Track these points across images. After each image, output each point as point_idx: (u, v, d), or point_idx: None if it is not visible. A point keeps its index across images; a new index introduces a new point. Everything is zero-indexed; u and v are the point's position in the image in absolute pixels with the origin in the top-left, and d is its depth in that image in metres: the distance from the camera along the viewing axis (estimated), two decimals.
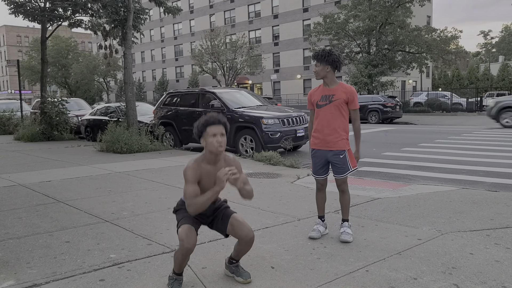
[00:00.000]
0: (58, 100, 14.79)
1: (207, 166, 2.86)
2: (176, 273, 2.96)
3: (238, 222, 2.93)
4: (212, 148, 2.79)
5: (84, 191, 6.14)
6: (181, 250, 2.78)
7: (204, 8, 57.25)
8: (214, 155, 2.85)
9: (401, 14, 30.20)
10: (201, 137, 2.85)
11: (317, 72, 3.81)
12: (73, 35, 59.29)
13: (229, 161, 2.95)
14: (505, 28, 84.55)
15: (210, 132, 2.79)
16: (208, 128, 2.80)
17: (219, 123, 2.82)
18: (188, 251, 2.77)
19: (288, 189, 6.12)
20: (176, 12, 14.22)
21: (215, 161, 2.88)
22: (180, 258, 2.84)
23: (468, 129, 16.75)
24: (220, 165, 2.90)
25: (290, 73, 48.90)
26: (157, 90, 59.07)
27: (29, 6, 14.59)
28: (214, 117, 2.83)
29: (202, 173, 2.84)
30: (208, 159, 2.87)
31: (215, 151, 2.80)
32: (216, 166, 2.87)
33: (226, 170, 2.72)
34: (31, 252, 3.65)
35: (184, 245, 2.75)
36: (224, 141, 2.81)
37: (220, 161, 2.91)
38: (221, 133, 2.81)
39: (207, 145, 2.81)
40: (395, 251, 3.55)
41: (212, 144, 2.78)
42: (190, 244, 2.75)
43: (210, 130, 2.79)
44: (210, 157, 2.86)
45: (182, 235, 2.77)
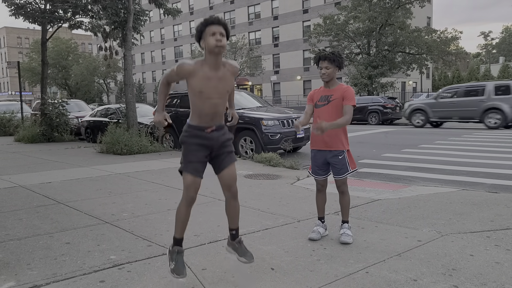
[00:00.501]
0: (59, 102, 14.82)
1: (206, 69, 2.78)
2: (177, 239, 2.94)
3: (231, 173, 3.00)
4: (211, 47, 2.71)
5: (84, 193, 6.15)
6: (185, 199, 2.82)
7: (204, 10, 57.33)
8: (214, 56, 2.76)
9: (401, 15, 30.24)
10: (200, 39, 2.78)
11: (328, 73, 3.78)
12: (73, 37, 59.39)
13: (230, 66, 2.91)
14: (505, 29, 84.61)
15: (209, 31, 2.72)
16: (208, 27, 2.73)
17: (218, 22, 2.76)
18: (192, 200, 2.82)
19: (288, 191, 6.12)
20: (176, 13, 14.25)
21: (216, 64, 2.79)
22: (183, 212, 2.86)
23: (468, 130, 16.75)
24: (222, 71, 2.84)
25: (290, 74, 48.93)
26: (157, 91, 59.05)
27: (30, 8, 14.62)
28: (214, 17, 2.78)
29: (200, 76, 2.78)
30: (208, 62, 2.78)
31: (214, 49, 2.71)
32: (217, 72, 2.81)
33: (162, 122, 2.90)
34: (31, 254, 3.66)
35: (188, 193, 2.80)
36: (224, 41, 2.73)
37: (221, 67, 2.84)
38: (220, 32, 2.73)
39: (207, 46, 2.74)
40: (395, 252, 3.55)
41: (211, 43, 2.70)
42: (194, 192, 2.82)
43: (209, 29, 2.72)
44: (210, 59, 2.77)
45: (187, 181, 2.82)
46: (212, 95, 2.83)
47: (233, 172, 3.03)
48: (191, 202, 2.88)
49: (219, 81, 2.84)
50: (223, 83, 2.87)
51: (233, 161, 3.05)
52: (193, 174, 2.87)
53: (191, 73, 2.79)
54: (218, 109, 2.93)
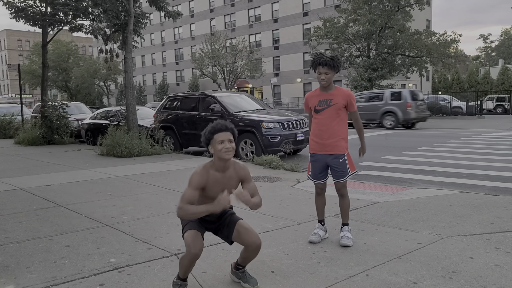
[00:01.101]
0: (59, 104, 14.82)
1: (215, 173, 2.82)
2: (181, 278, 2.93)
3: (245, 229, 2.90)
4: (220, 155, 2.75)
5: (84, 195, 6.15)
6: (188, 255, 2.75)
7: (205, 12, 57.41)
8: (223, 162, 2.81)
9: (401, 18, 30.28)
10: (209, 145, 2.81)
11: (327, 79, 3.80)
12: (73, 39, 59.38)
13: (238, 169, 2.91)
14: (504, 32, 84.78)
15: (218, 139, 2.75)
16: (216, 135, 2.76)
17: (226, 129, 2.78)
18: (195, 257, 2.75)
19: (288, 193, 6.12)
20: (177, 16, 14.27)
21: (224, 168, 2.84)
22: (186, 264, 2.81)
23: (468, 133, 16.75)
24: (229, 172, 2.86)
25: (290, 77, 48.97)
26: (158, 94, 59.17)
27: (30, 10, 14.64)
28: (221, 124, 2.79)
29: (210, 180, 2.81)
30: (216, 166, 2.83)
31: (223, 158, 2.76)
32: (225, 173, 2.84)
33: (228, 198, 2.69)
34: (31, 257, 3.66)
35: (191, 250, 2.72)
36: (233, 147, 2.77)
37: (230, 168, 2.87)
38: (228, 139, 2.77)
39: (215, 152, 2.78)
40: (395, 255, 3.55)
41: (220, 151, 2.75)
42: (196, 249, 2.72)
43: (217, 137, 2.75)
44: (219, 164, 2.82)
45: (188, 240, 2.74)
46: (218, 194, 2.80)
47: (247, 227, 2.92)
48: (194, 259, 2.79)
49: (226, 182, 2.86)
50: (229, 184, 2.87)
51: (239, 219, 2.96)
52: (196, 229, 2.82)
53: (207, 180, 2.81)
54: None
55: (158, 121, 12.08)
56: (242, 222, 2.94)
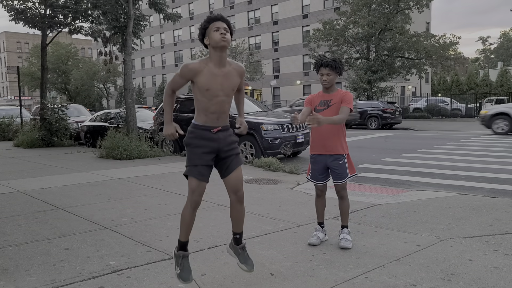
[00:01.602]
0: (58, 106, 14.82)
1: (211, 66, 2.77)
2: (182, 242, 2.92)
3: (238, 177, 2.94)
4: (216, 42, 2.71)
5: (83, 198, 6.14)
6: (190, 202, 2.80)
7: (204, 15, 57.38)
8: (219, 52, 2.76)
9: (400, 20, 30.34)
10: (204, 36, 2.78)
11: (329, 80, 3.81)
12: (73, 41, 59.47)
13: (236, 65, 2.90)
14: (503, 34, 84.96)
15: (213, 27, 2.72)
16: (211, 23, 2.74)
17: (222, 19, 2.77)
18: (197, 204, 2.81)
19: (287, 195, 6.12)
20: (176, 18, 14.29)
21: (221, 61, 2.78)
22: (187, 215, 2.84)
23: (467, 135, 16.77)
24: (228, 69, 2.82)
25: (289, 79, 49.01)
26: (157, 96, 59.18)
27: (30, 13, 14.67)
28: (217, 14, 2.81)
29: (206, 73, 2.76)
30: (213, 59, 2.77)
31: (219, 44, 2.72)
32: (222, 68, 2.79)
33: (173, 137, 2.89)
34: (30, 260, 3.65)
35: (193, 197, 2.79)
36: (229, 36, 2.74)
37: (226, 65, 2.83)
38: (224, 27, 2.74)
39: (211, 42, 2.74)
40: (395, 257, 3.55)
41: (215, 38, 2.71)
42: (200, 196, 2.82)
43: (213, 25, 2.73)
44: (215, 56, 2.76)
45: (192, 186, 2.81)
46: (218, 92, 2.80)
47: (239, 176, 2.98)
48: (196, 206, 2.87)
49: (224, 78, 2.82)
50: (229, 80, 2.85)
51: (240, 164, 3.00)
52: (198, 178, 2.85)
53: (197, 72, 2.77)
54: (224, 107, 2.90)
55: (157, 123, 12.08)
56: (239, 171, 2.96)
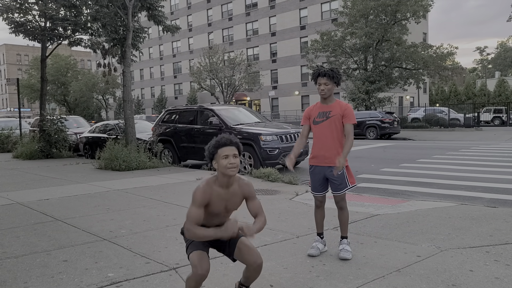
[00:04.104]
0: (57, 118, 14.84)
1: (219, 189, 2.72)
2: None
3: (246, 247, 2.80)
4: (224, 170, 2.65)
5: (82, 209, 6.12)
6: (195, 277, 2.63)
7: (203, 26, 57.87)
8: (227, 178, 2.71)
9: (397, 31, 30.57)
10: (212, 159, 2.71)
11: (327, 90, 3.83)
12: (72, 53, 59.70)
13: (242, 185, 2.81)
14: (500, 44, 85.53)
15: (222, 154, 2.65)
16: (220, 149, 2.67)
17: (231, 143, 2.69)
18: (202, 278, 2.64)
19: (286, 206, 6.10)
20: (175, 30, 14.39)
21: (228, 184, 2.73)
22: (193, 286, 2.69)
23: (466, 145, 16.79)
24: (233, 188, 2.76)
25: (288, 90, 49.19)
26: (156, 107, 59.30)
27: (30, 25, 14.75)
28: (226, 138, 2.69)
29: (213, 196, 2.71)
30: (220, 182, 2.72)
31: (227, 173, 2.66)
32: (228, 189, 2.75)
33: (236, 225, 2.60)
34: (28, 272, 3.63)
35: (197, 271, 2.60)
36: (237, 162, 2.67)
37: (234, 184, 2.77)
38: (233, 154, 2.67)
39: (219, 168, 2.68)
40: (395, 268, 3.53)
41: (224, 166, 2.65)
42: (203, 270, 2.62)
43: (221, 151, 2.66)
44: (223, 180, 2.71)
45: (195, 261, 2.63)
46: (221, 212, 2.77)
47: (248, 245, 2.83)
48: (201, 280, 2.69)
49: (228, 200, 2.78)
50: (232, 201, 2.80)
51: (241, 236, 2.81)
52: (201, 249, 2.72)
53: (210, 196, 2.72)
54: (222, 223, 2.82)
55: (156, 134, 12.09)
56: (244, 240, 2.82)
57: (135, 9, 12.53)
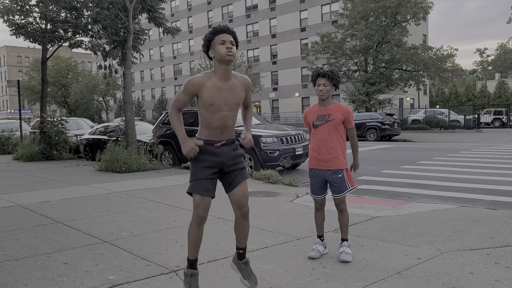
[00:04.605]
0: (58, 120, 14.84)
1: (216, 81, 2.68)
2: (190, 261, 2.87)
3: (243, 192, 2.87)
4: (221, 56, 2.63)
5: (82, 211, 6.13)
6: (195, 218, 2.72)
7: (203, 28, 57.93)
8: (224, 65, 2.67)
9: (398, 33, 30.60)
10: (209, 48, 2.69)
11: (326, 91, 3.84)
12: (73, 55, 59.74)
13: (241, 78, 2.82)
14: (500, 46, 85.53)
15: (219, 40, 2.64)
16: (217, 36, 2.66)
17: (228, 31, 2.69)
18: (202, 219, 2.73)
19: (287, 208, 6.11)
20: (175, 32, 14.40)
21: (226, 74, 2.69)
22: (194, 231, 2.76)
23: (466, 146, 16.79)
24: (233, 82, 2.73)
25: (288, 91, 49.22)
26: (156, 109, 59.32)
27: (30, 27, 14.78)
28: (223, 25, 2.72)
29: (209, 87, 2.67)
30: (218, 73, 2.69)
31: (224, 59, 2.63)
32: (227, 82, 2.71)
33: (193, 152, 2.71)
34: (29, 274, 3.63)
35: (198, 213, 2.71)
36: (235, 50, 2.66)
37: (232, 78, 2.74)
38: (230, 40, 2.66)
39: (216, 55, 2.65)
40: (395, 270, 3.53)
41: (221, 52, 2.62)
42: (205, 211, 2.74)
43: (218, 38, 2.65)
44: (220, 69, 2.68)
45: (196, 201, 2.72)
46: (222, 106, 2.73)
47: (245, 191, 2.90)
48: (202, 221, 2.80)
49: (229, 92, 2.75)
50: (233, 94, 2.78)
51: (245, 179, 2.92)
52: (202, 194, 2.78)
53: (201, 86, 2.70)
54: (228, 122, 2.83)
55: (157, 136, 12.10)
56: (245, 186, 2.88)
57: (135, 11, 12.55)
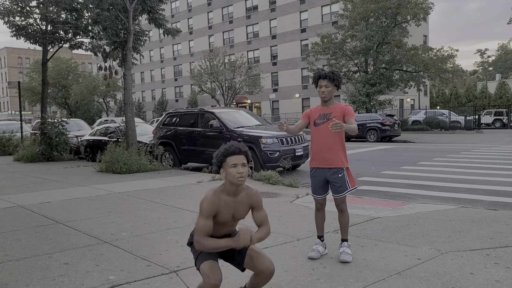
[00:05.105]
0: (58, 121, 14.86)
1: (226, 198, 2.68)
2: None
3: (257, 254, 2.74)
4: (233, 179, 2.61)
5: (83, 212, 6.14)
6: (207, 287, 2.57)
7: (203, 29, 57.99)
8: (235, 187, 2.67)
9: (398, 34, 30.61)
10: (220, 167, 2.67)
11: (328, 92, 3.85)
12: (73, 56, 59.85)
13: (250, 195, 2.76)
14: (501, 46, 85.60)
15: (230, 162, 2.61)
16: (228, 158, 2.62)
17: (240, 152, 2.64)
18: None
19: (287, 209, 6.11)
20: (176, 33, 14.42)
21: (236, 192, 2.69)
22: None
23: (466, 147, 16.79)
24: (241, 197, 2.72)
25: (288, 92, 49.24)
26: (157, 110, 59.37)
27: (31, 29, 14.80)
28: (235, 146, 2.65)
29: (221, 205, 2.67)
30: (228, 191, 2.68)
31: (235, 182, 2.62)
32: (236, 198, 2.70)
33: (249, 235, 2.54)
34: (30, 274, 3.64)
35: (210, 281, 2.54)
36: (246, 172, 2.64)
37: (241, 193, 2.73)
38: (242, 163, 2.62)
39: (227, 176, 2.63)
40: (395, 271, 3.54)
41: (232, 175, 2.60)
42: (217, 280, 2.56)
43: (230, 160, 2.61)
44: (230, 189, 2.67)
45: (207, 271, 2.57)
46: (228, 221, 2.74)
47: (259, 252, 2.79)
48: None
49: (236, 208, 2.74)
50: (239, 210, 2.75)
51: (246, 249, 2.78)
52: (211, 259, 2.68)
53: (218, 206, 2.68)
54: (230, 231, 2.84)
55: (157, 137, 12.11)
56: (254, 247, 2.77)
57: (136, 12, 12.57)
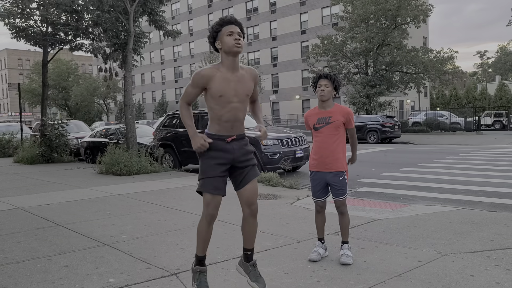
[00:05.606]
0: (58, 123, 14.86)
1: (225, 72, 2.65)
2: (199, 257, 2.85)
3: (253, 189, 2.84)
4: (230, 47, 2.60)
5: (83, 214, 6.13)
6: (205, 216, 2.70)
7: (204, 31, 58.01)
8: (232, 57, 2.64)
9: (398, 35, 30.64)
10: (215, 40, 2.66)
11: (327, 92, 3.86)
12: (73, 58, 59.81)
13: (248, 69, 2.80)
14: (500, 48, 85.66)
15: (226, 31, 2.61)
16: (224, 27, 2.63)
17: (235, 22, 2.67)
18: (212, 218, 2.71)
19: (287, 211, 6.10)
20: (176, 35, 14.42)
21: (233, 66, 2.66)
22: (204, 229, 2.74)
23: (467, 149, 16.78)
24: (240, 73, 2.71)
25: (289, 94, 49.26)
26: (157, 112, 59.39)
27: (31, 31, 14.82)
28: (230, 17, 2.70)
29: (216, 77, 2.64)
30: (226, 64, 2.65)
31: (232, 50, 2.60)
32: (235, 73, 2.68)
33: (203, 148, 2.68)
34: (29, 277, 3.63)
35: (209, 211, 2.68)
36: (242, 42, 2.64)
37: (239, 69, 2.71)
38: (237, 32, 2.63)
39: (223, 46, 2.62)
40: (395, 273, 3.53)
41: (229, 44, 2.59)
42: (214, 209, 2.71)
43: (226, 29, 2.62)
44: (228, 61, 2.65)
45: (207, 199, 2.69)
46: (231, 98, 2.70)
47: (255, 188, 2.86)
48: (212, 220, 2.78)
49: (238, 82, 2.71)
50: (242, 85, 2.74)
51: (256, 176, 2.88)
52: (212, 193, 2.74)
53: (210, 77, 2.66)
54: (238, 114, 2.80)
55: (157, 139, 12.10)
56: (255, 183, 2.85)
57: (136, 14, 12.58)
